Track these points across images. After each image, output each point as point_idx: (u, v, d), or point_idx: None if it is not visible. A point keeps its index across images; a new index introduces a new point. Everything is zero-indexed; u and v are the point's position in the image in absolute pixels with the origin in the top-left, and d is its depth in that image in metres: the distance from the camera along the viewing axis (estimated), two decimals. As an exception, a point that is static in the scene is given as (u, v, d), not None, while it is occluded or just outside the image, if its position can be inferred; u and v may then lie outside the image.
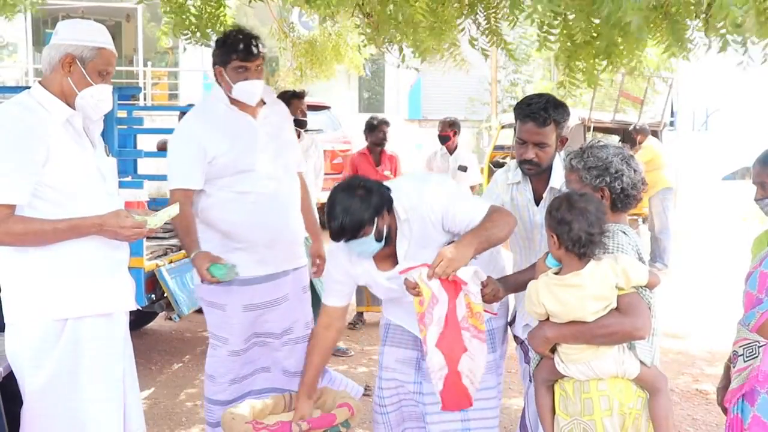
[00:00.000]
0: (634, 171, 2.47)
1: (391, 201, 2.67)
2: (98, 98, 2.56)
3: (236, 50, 3.20)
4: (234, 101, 3.26)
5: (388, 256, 2.77)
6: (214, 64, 3.29)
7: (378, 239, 2.64)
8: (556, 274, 2.43)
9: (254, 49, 3.22)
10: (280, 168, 3.35)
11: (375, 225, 2.61)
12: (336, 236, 2.63)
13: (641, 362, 2.40)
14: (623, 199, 2.47)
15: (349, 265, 2.84)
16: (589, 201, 2.37)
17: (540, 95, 2.90)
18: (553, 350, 2.47)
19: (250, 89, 3.23)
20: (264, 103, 3.37)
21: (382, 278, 2.81)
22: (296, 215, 3.45)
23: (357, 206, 2.57)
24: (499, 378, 3.03)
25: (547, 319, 2.42)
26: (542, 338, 2.40)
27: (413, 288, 2.55)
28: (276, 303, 3.34)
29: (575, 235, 2.32)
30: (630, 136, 9.54)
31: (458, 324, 2.54)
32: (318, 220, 3.74)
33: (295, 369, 3.38)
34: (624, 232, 2.47)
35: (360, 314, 6.44)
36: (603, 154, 2.48)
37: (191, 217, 3.19)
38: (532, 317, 2.53)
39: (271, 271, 3.32)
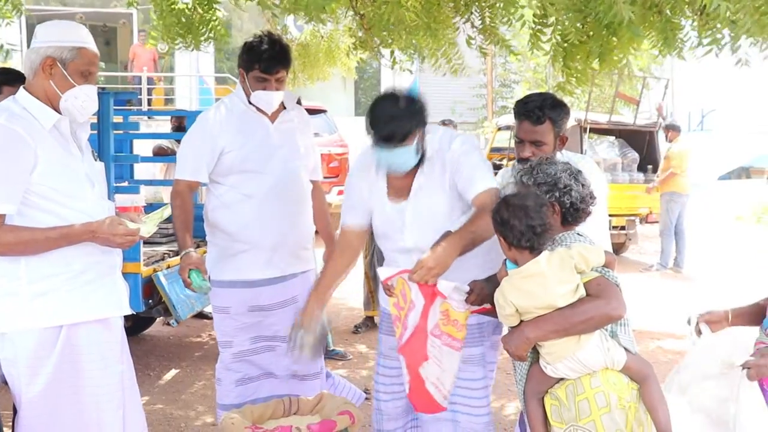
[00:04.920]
0: (582, 185, 2.52)
1: (426, 121, 2.74)
2: (83, 99, 2.52)
3: (259, 60, 3.24)
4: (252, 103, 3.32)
5: (401, 188, 2.84)
6: (239, 65, 3.34)
7: (417, 152, 2.71)
8: None
9: (276, 64, 3.25)
10: (291, 172, 3.37)
11: (417, 136, 2.68)
12: (383, 141, 2.67)
13: (625, 349, 2.41)
14: (573, 213, 2.51)
15: (366, 190, 2.91)
16: (525, 197, 2.41)
17: (540, 94, 2.93)
18: (537, 359, 2.47)
19: (266, 99, 3.29)
20: (284, 108, 3.41)
21: (390, 206, 2.86)
22: (305, 220, 3.47)
23: (405, 112, 2.66)
24: (485, 371, 2.97)
25: (521, 322, 2.42)
26: (522, 340, 2.38)
27: (389, 290, 2.62)
28: (283, 305, 3.37)
29: (518, 231, 2.36)
30: (654, 137, 9.79)
31: (426, 333, 2.56)
32: (331, 227, 3.72)
33: (305, 372, 3.39)
34: (578, 233, 2.51)
35: (369, 318, 6.39)
36: (552, 170, 2.53)
37: (191, 212, 3.26)
38: (506, 324, 2.51)
39: (277, 273, 3.35)
